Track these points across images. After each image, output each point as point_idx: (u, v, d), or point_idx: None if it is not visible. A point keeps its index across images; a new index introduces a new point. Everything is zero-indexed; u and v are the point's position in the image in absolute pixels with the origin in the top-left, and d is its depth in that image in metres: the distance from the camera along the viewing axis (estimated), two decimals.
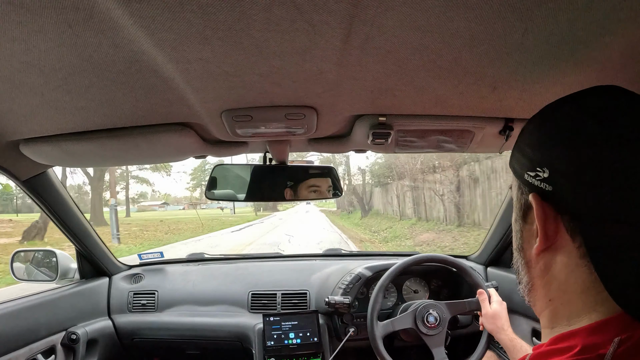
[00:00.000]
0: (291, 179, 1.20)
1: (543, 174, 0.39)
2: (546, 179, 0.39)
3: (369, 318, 1.27)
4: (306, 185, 1.21)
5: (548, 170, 0.39)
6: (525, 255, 0.45)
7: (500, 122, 0.91)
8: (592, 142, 0.37)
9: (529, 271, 0.45)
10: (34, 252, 1.66)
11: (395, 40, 0.54)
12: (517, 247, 0.47)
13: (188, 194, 43.58)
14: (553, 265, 0.41)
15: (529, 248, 0.44)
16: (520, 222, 0.45)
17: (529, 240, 0.44)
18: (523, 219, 0.45)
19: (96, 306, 1.56)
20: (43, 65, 0.57)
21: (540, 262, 0.43)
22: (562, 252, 0.40)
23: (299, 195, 1.21)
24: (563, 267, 0.40)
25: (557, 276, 0.41)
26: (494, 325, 1.13)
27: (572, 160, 0.37)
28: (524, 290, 0.46)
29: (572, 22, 0.50)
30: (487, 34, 0.52)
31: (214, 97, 0.72)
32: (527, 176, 0.41)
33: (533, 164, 0.41)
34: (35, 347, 1.22)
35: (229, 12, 0.46)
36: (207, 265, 1.85)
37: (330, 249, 2.01)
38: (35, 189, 1.21)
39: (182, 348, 1.60)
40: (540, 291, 0.44)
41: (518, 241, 0.46)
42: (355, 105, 0.81)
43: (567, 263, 0.39)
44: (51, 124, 0.83)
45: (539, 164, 0.40)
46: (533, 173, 0.40)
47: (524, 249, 0.45)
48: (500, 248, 1.58)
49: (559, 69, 0.63)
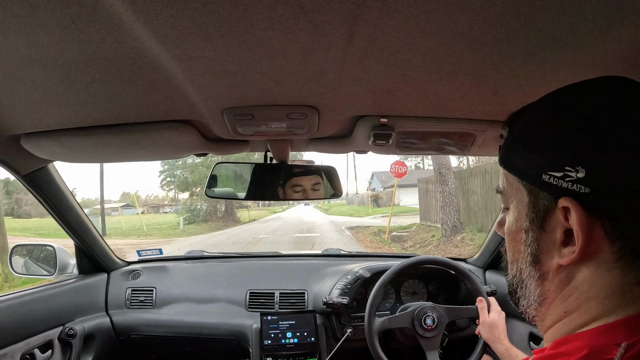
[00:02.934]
0: (291, 178, 1.20)
1: (577, 174, 0.35)
2: (581, 180, 0.35)
3: (367, 313, 1.27)
4: (307, 185, 1.21)
5: (584, 169, 0.34)
6: (542, 268, 0.40)
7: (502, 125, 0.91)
8: (633, 138, 0.33)
9: (543, 284, 0.40)
10: (33, 247, 1.66)
11: (398, 42, 0.54)
12: (531, 260, 0.41)
13: (163, 194, 37.24)
14: (577, 275, 0.37)
15: (548, 259, 0.39)
16: (535, 231, 0.40)
17: (549, 251, 0.39)
18: (540, 227, 0.39)
19: (94, 302, 1.56)
20: (45, 60, 0.57)
21: (562, 274, 0.38)
22: (592, 260, 0.36)
23: (299, 195, 1.21)
24: (589, 275, 0.36)
25: (580, 286, 0.37)
26: (491, 334, 1.13)
27: (614, 159, 0.34)
28: (532, 306, 0.42)
29: (575, 27, 0.50)
30: (490, 37, 0.52)
31: (216, 95, 0.72)
32: (549, 177, 0.37)
33: (558, 163, 0.36)
34: (32, 341, 1.21)
35: (233, 10, 0.46)
36: (206, 263, 1.85)
37: (329, 250, 2.01)
38: (36, 184, 1.21)
39: (179, 345, 1.60)
40: (554, 304, 0.40)
41: (531, 253, 0.41)
42: (357, 105, 0.81)
43: (596, 270, 0.36)
44: (52, 118, 0.83)
45: (569, 163, 0.35)
46: (559, 173, 0.36)
47: (540, 262, 0.40)
48: (499, 252, 1.58)
49: (562, 74, 0.63)
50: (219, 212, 21.68)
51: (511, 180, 0.43)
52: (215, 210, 21.53)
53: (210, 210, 21.35)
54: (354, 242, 9.88)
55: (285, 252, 2.00)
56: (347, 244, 9.37)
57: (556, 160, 0.36)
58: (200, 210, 21.57)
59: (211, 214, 21.24)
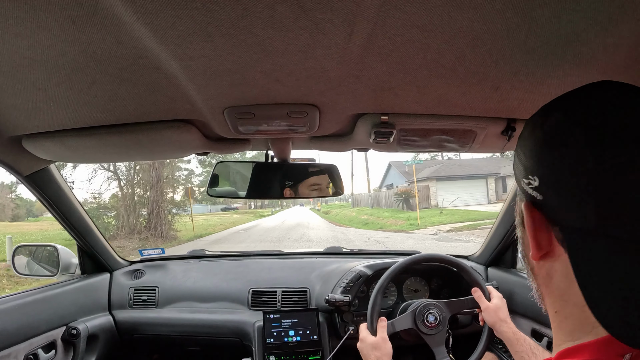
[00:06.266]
0: (292, 176, 1.20)
1: (534, 182, 0.38)
2: (537, 188, 0.38)
3: (368, 319, 1.27)
4: (308, 183, 1.21)
5: (538, 179, 0.38)
6: (529, 262, 0.44)
7: (503, 122, 0.91)
8: (576, 150, 0.35)
9: (535, 278, 0.44)
10: (36, 247, 1.67)
11: (398, 39, 0.54)
12: (521, 254, 0.46)
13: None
14: (554, 274, 0.40)
15: (529, 255, 0.43)
16: (520, 228, 0.45)
17: (529, 249, 0.43)
18: (522, 225, 0.43)
19: (97, 301, 1.56)
20: (46, 61, 0.57)
21: (542, 270, 0.41)
22: (560, 261, 0.38)
23: (300, 193, 1.21)
24: (563, 276, 0.38)
25: (559, 285, 0.39)
26: (496, 317, 1.12)
27: (558, 169, 0.36)
28: (538, 299, 0.45)
29: (576, 23, 0.50)
30: (490, 34, 0.52)
31: (217, 95, 0.73)
32: (523, 183, 0.41)
33: (527, 171, 0.40)
34: (36, 341, 1.22)
35: (232, 9, 0.46)
36: (208, 261, 1.85)
37: (331, 247, 2.01)
38: (37, 185, 1.21)
39: (182, 344, 1.60)
40: (547, 300, 0.42)
41: (521, 247, 0.46)
42: (358, 103, 0.81)
43: (567, 273, 0.37)
44: (54, 119, 0.83)
45: (530, 172, 0.39)
46: (527, 181, 0.40)
47: (527, 256, 0.44)
48: (502, 248, 1.58)
49: (562, 70, 0.63)
50: (139, 224, 13.81)
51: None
52: (132, 222, 13.68)
53: (123, 223, 13.58)
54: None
55: (287, 251, 2.01)
56: None
57: (526, 168, 0.40)
58: (109, 223, 13.45)
59: (124, 228, 13.55)
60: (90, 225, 1.48)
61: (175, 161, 17.34)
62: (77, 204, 1.39)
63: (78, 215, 1.41)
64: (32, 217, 32.51)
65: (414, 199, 17.73)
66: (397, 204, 19.43)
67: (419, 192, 17.92)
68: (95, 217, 11.24)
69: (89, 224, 1.47)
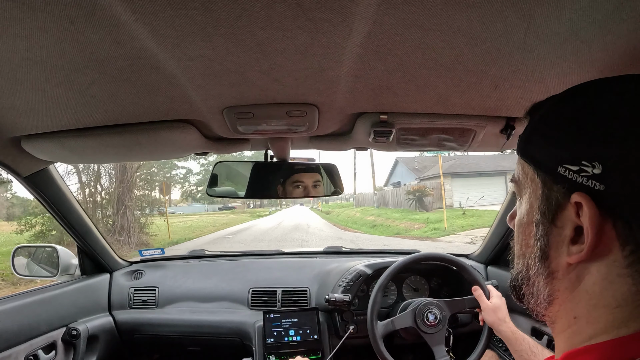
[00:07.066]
0: (292, 175, 1.20)
1: (593, 169, 0.33)
2: (597, 176, 0.33)
3: (368, 318, 1.27)
4: (307, 182, 1.21)
5: (601, 166, 0.33)
6: (551, 265, 0.38)
7: (502, 121, 0.91)
8: None
9: (552, 283, 0.38)
10: (35, 248, 1.66)
11: (397, 38, 0.54)
12: (540, 256, 0.39)
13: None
14: (587, 277, 0.35)
15: (557, 256, 0.38)
16: (546, 225, 0.38)
17: (558, 247, 0.37)
18: (551, 221, 0.38)
19: (97, 302, 1.56)
20: (45, 62, 0.57)
21: (572, 273, 0.36)
22: (602, 262, 0.34)
23: (299, 193, 1.21)
24: (600, 278, 0.34)
25: (590, 289, 0.35)
26: (495, 317, 1.13)
27: (634, 159, 0.32)
28: (541, 305, 0.40)
29: (574, 22, 0.50)
30: (489, 33, 0.52)
31: (216, 94, 0.73)
32: (565, 170, 0.35)
33: (576, 157, 0.34)
34: (36, 342, 1.22)
35: (231, 9, 0.46)
36: (208, 262, 1.85)
37: (331, 247, 2.01)
38: (37, 185, 1.21)
39: (183, 344, 1.60)
40: (564, 306, 0.38)
41: (540, 247, 0.39)
42: (357, 103, 0.81)
43: (607, 274, 0.34)
44: (53, 120, 0.83)
45: (586, 158, 0.34)
46: (575, 167, 0.34)
47: (549, 258, 0.38)
48: (501, 247, 1.58)
49: (561, 69, 0.63)
50: (103, 227, 10.91)
51: (527, 170, 0.41)
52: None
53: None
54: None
55: (287, 250, 2.01)
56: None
57: (574, 153, 0.35)
58: (58, 226, 6.94)
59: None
60: (90, 226, 1.48)
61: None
62: (76, 205, 1.38)
63: (77, 215, 1.40)
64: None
65: (428, 197, 15.76)
66: (409, 203, 16.77)
67: (433, 191, 15.73)
68: (47, 222, 9.22)
69: (89, 224, 1.47)
